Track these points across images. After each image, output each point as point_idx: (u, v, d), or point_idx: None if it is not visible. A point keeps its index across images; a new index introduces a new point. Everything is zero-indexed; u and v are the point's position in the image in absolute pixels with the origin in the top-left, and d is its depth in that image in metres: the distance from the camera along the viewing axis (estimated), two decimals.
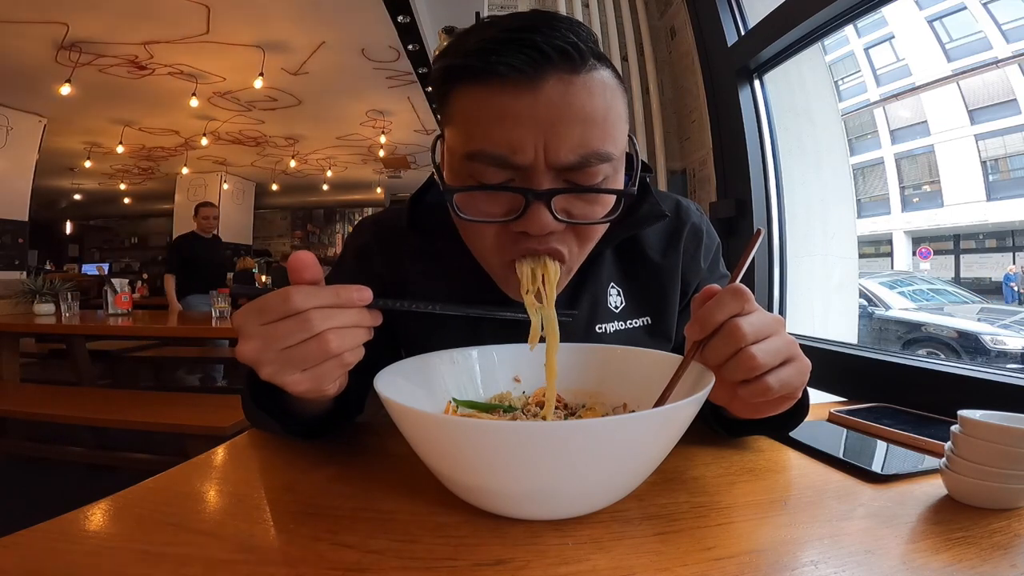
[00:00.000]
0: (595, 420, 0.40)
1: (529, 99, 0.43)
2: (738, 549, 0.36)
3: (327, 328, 0.39)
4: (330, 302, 0.39)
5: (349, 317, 0.40)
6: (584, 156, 0.45)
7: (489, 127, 0.44)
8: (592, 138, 0.45)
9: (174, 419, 1.89)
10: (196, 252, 3.76)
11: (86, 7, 3.31)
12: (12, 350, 2.68)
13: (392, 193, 10.22)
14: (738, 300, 0.41)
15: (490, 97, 0.44)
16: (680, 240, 0.66)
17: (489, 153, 0.45)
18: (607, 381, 0.56)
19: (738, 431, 0.57)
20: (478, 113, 0.45)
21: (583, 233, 0.50)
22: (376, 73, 4.44)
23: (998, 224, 3.96)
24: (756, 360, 0.41)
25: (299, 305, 0.38)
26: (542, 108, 0.43)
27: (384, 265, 0.65)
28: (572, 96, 0.44)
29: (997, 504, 0.41)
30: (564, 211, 0.47)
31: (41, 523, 0.38)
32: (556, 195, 0.45)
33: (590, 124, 0.44)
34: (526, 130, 0.43)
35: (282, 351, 0.39)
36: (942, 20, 3.76)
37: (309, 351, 0.39)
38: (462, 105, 0.47)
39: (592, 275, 0.64)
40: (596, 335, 0.63)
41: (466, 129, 0.46)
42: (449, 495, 0.42)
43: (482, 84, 0.44)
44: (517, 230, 0.47)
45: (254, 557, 0.35)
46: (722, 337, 0.42)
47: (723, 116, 1.33)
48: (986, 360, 2.71)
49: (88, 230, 12.07)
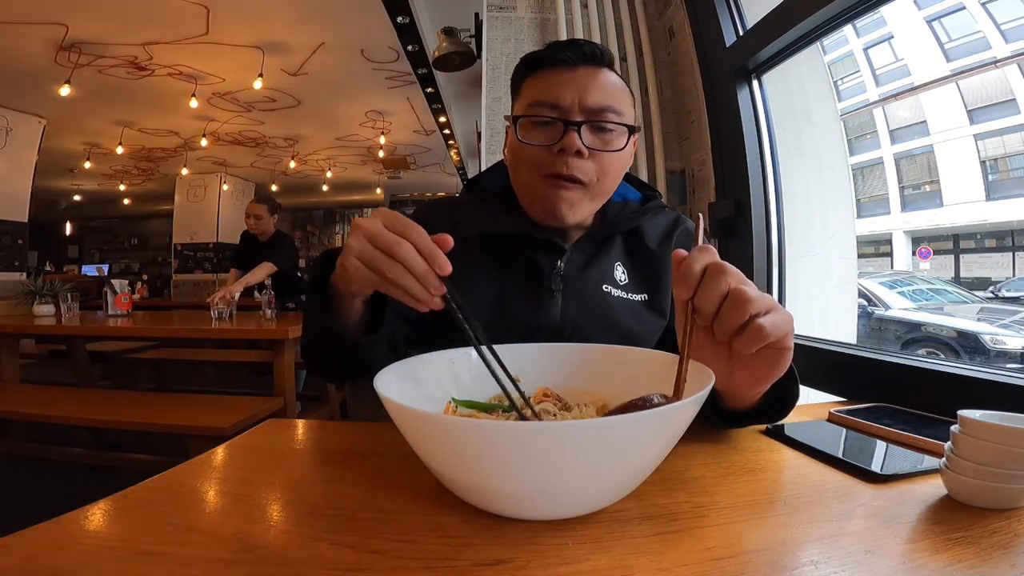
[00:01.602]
0: (595, 420, 0.40)
1: (570, 75, 0.70)
2: (738, 549, 0.36)
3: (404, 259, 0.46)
4: (424, 247, 0.47)
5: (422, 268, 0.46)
6: (603, 106, 0.68)
7: (546, 88, 0.70)
8: (608, 99, 0.69)
9: (174, 419, 1.89)
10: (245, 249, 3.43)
11: (86, 8, 3.31)
12: (12, 351, 2.68)
13: (392, 194, 10.22)
14: (709, 253, 0.46)
15: (549, 75, 0.71)
16: (673, 236, 0.81)
17: (544, 101, 0.69)
18: (607, 381, 0.56)
19: (734, 421, 0.59)
20: (539, 84, 0.71)
21: (602, 164, 0.70)
22: (375, 74, 4.44)
23: (997, 224, 3.97)
24: (746, 293, 0.44)
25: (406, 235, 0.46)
26: (578, 79, 0.69)
27: (438, 228, 0.77)
28: (596, 76, 0.70)
29: (997, 504, 0.41)
30: (588, 142, 0.68)
31: (41, 523, 0.38)
32: (584, 124, 0.68)
33: (607, 91, 0.69)
34: (567, 88, 0.69)
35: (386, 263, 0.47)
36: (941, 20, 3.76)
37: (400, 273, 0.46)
38: (530, 84, 0.73)
39: (603, 253, 0.78)
40: (603, 292, 0.76)
41: (530, 94, 0.72)
42: (449, 495, 0.42)
43: (544, 69, 0.71)
44: (556, 150, 0.68)
45: (254, 557, 0.35)
46: (710, 277, 0.45)
47: (722, 116, 1.33)
48: (986, 360, 2.71)
49: (88, 231, 12.07)
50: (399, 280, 0.46)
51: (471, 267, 0.74)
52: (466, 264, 0.72)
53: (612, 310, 0.74)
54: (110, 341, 3.57)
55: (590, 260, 0.77)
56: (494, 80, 1.65)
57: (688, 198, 1.57)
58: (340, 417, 2.99)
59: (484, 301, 0.73)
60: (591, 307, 0.74)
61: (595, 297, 0.74)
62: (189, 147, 6.58)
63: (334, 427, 0.70)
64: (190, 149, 6.66)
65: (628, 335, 0.73)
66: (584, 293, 0.74)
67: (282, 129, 6.08)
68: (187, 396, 2.45)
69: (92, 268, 9.76)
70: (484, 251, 0.76)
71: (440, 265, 0.46)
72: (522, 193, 0.75)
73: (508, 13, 1.66)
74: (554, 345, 0.61)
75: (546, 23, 1.66)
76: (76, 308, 2.80)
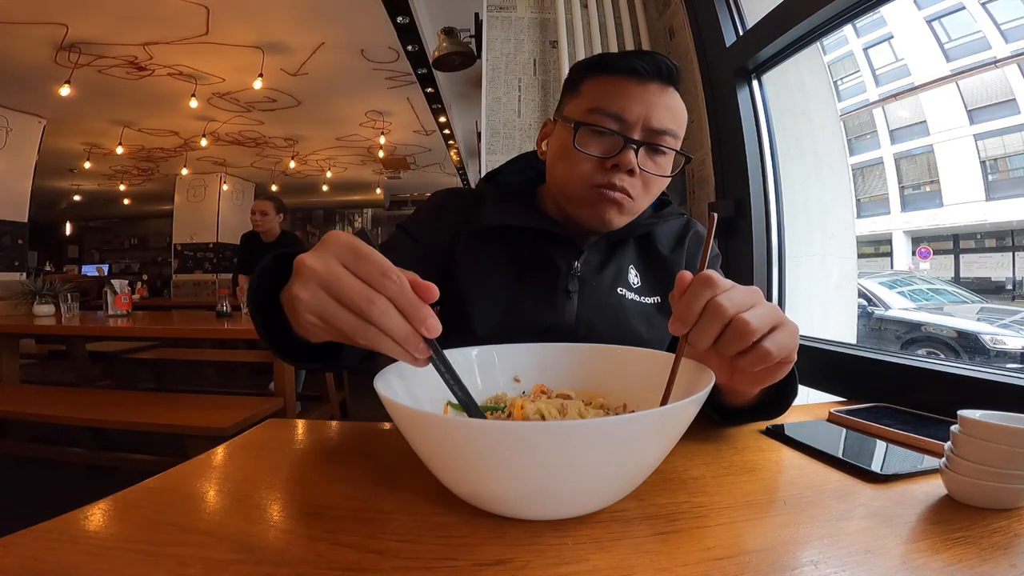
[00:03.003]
0: (595, 420, 0.40)
1: (641, 88, 0.67)
2: (738, 549, 0.36)
3: (379, 321, 0.36)
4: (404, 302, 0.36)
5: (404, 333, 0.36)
6: (665, 128, 0.67)
7: (613, 96, 0.67)
8: (671, 122, 0.68)
9: (174, 419, 1.89)
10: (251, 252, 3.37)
11: (86, 8, 3.31)
12: (12, 351, 2.68)
13: (392, 194, 10.22)
14: (710, 287, 0.43)
15: (617, 83, 0.68)
16: (685, 240, 0.82)
17: (608, 110, 0.67)
18: (607, 381, 0.56)
19: (733, 418, 0.59)
20: (607, 89, 0.68)
21: (648, 185, 0.70)
22: (375, 74, 4.44)
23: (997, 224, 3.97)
24: (750, 325, 0.41)
25: (382, 301, 0.35)
26: (648, 95, 0.67)
27: (455, 218, 0.78)
28: (665, 96, 0.68)
29: (997, 504, 0.41)
30: (641, 163, 0.67)
31: (41, 523, 0.38)
32: (643, 145, 0.67)
33: (672, 113, 0.68)
34: (635, 102, 0.66)
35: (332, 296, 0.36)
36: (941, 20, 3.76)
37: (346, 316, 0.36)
38: (595, 86, 0.69)
39: (618, 256, 0.78)
40: (618, 294, 0.76)
41: (593, 97, 0.68)
42: (449, 495, 0.42)
43: (612, 75, 0.68)
44: (609, 165, 0.67)
45: (254, 557, 0.35)
46: (705, 319, 0.42)
47: (722, 116, 1.33)
48: (986, 360, 2.71)
49: (88, 231, 12.07)
50: (374, 344, 0.36)
51: (487, 259, 0.75)
52: (483, 259, 0.75)
53: (626, 313, 0.74)
54: (110, 341, 3.57)
55: (605, 262, 0.77)
56: (494, 80, 1.65)
57: (688, 198, 1.57)
58: (340, 417, 2.99)
59: (498, 296, 0.72)
60: (605, 309, 0.73)
61: (610, 300, 0.74)
62: (189, 147, 6.58)
63: (334, 427, 0.70)
64: (190, 149, 6.66)
65: (640, 340, 0.72)
66: (599, 295, 0.74)
67: (282, 129, 6.08)
68: (187, 396, 2.45)
69: (92, 268, 9.76)
70: (501, 244, 0.75)
71: (428, 326, 0.36)
72: (563, 191, 0.72)
73: (508, 13, 1.66)
74: (553, 345, 0.60)
75: (546, 23, 1.66)
76: (76, 308, 2.80)
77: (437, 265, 0.76)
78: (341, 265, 0.36)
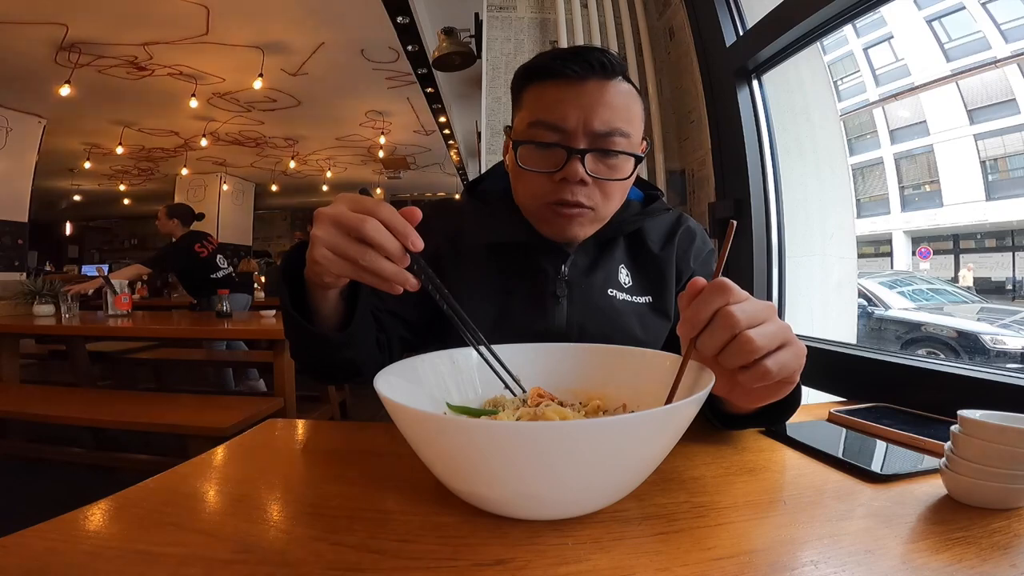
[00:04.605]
0: (595, 420, 0.40)
1: (577, 90, 0.63)
2: (738, 549, 0.36)
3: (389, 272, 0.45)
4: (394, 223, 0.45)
5: (394, 246, 0.45)
6: (610, 129, 0.63)
7: (549, 105, 0.64)
8: (616, 119, 0.63)
9: (174, 419, 1.89)
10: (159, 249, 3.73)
11: (86, 8, 3.31)
12: (12, 351, 2.68)
13: (392, 194, 10.22)
14: (723, 294, 0.42)
15: (552, 89, 0.64)
16: (675, 237, 0.79)
17: (546, 121, 0.64)
18: (607, 381, 0.56)
19: (733, 424, 0.58)
20: (543, 98, 0.65)
21: (606, 190, 0.66)
22: (375, 74, 4.44)
23: (997, 224, 3.97)
24: (754, 343, 0.41)
25: (380, 229, 0.44)
26: (585, 97, 0.63)
27: (440, 234, 0.76)
28: (605, 93, 0.63)
29: (997, 504, 0.41)
30: (592, 170, 0.64)
31: (41, 523, 0.38)
32: (588, 153, 0.63)
33: (615, 110, 0.63)
34: (572, 108, 0.63)
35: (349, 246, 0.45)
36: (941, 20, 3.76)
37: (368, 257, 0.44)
38: (532, 96, 0.66)
39: (607, 255, 0.76)
40: (608, 296, 0.74)
41: (532, 109, 0.66)
42: (449, 495, 0.42)
43: (547, 81, 0.65)
44: (558, 179, 0.64)
45: (254, 557, 0.35)
46: (715, 327, 0.42)
47: (722, 116, 1.33)
48: (986, 360, 2.71)
49: (88, 231, 12.07)
50: (373, 266, 0.44)
51: (475, 275, 0.74)
52: (470, 272, 0.74)
53: (618, 314, 0.73)
54: (110, 341, 3.57)
55: (594, 263, 0.76)
56: (494, 80, 1.65)
57: (688, 198, 1.57)
58: (340, 417, 2.99)
59: (489, 308, 0.71)
60: (597, 312, 0.72)
61: (601, 302, 0.73)
62: (189, 147, 6.59)
63: (334, 427, 0.70)
64: (190, 149, 6.67)
65: (634, 341, 0.72)
66: (590, 298, 0.73)
67: (282, 129, 6.09)
68: (187, 396, 2.45)
69: (92, 268, 9.76)
70: (487, 259, 0.74)
71: (412, 241, 0.45)
72: (526, 211, 0.72)
73: (508, 13, 1.66)
74: (554, 345, 0.60)
75: (546, 23, 1.66)
76: (76, 308, 2.80)
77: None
78: (345, 208, 0.45)
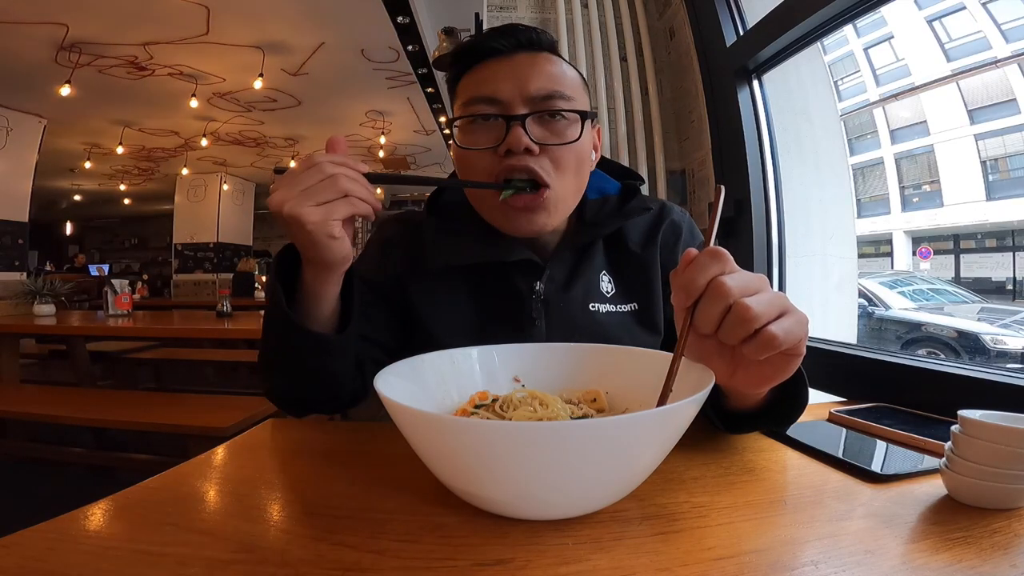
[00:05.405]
0: (595, 420, 0.40)
1: (508, 64, 0.64)
2: (738, 549, 0.36)
3: (338, 172, 0.49)
4: (341, 161, 0.50)
5: (354, 173, 0.51)
6: (548, 92, 0.62)
7: (481, 83, 0.64)
8: (552, 82, 0.63)
9: (174, 419, 1.89)
10: None
11: (86, 8, 3.31)
12: (12, 351, 2.68)
13: (392, 194, 10.22)
14: (718, 261, 0.40)
15: (483, 69, 0.65)
16: (658, 234, 0.73)
17: (480, 95, 0.63)
18: (606, 381, 0.56)
19: (738, 425, 0.56)
20: (475, 79, 0.65)
21: (555, 158, 0.63)
22: (376, 74, 4.44)
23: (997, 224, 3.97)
24: (752, 310, 0.38)
25: (317, 159, 0.49)
26: (516, 68, 0.63)
27: (402, 255, 0.74)
28: (536, 62, 0.64)
29: (997, 504, 0.41)
30: (537, 136, 0.62)
31: (41, 523, 0.38)
32: (528, 117, 0.61)
33: (550, 76, 0.63)
34: (505, 79, 0.63)
35: (302, 191, 0.49)
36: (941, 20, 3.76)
37: (323, 187, 0.49)
38: (466, 82, 0.66)
39: (586, 262, 0.71)
40: (590, 312, 0.69)
41: (467, 92, 0.65)
42: (449, 495, 0.42)
43: (478, 64, 0.65)
44: (502, 152, 0.61)
45: (254, 557, 0.35)
46: (709, 298, 0.40)
47: (722, 116, 1.33)
48: (986, 360, 2.71)
49: (88, 231, 12.08)
50: (351, 188, 0.49)
51: (444, 300, 0.69)
52: (438, 297, 0.70)
53: (602, 328, 0.68)
54: (110, 341, 3.57)
55: (573, 274, 0.70)
56: None
57: (688, 198, 1.57)
58: (340, 417, 2.99)
59: (461, 339, 0.62)
60: (577, 330, 0.67)
61: (581, 319, 0.68)
62: (189, 147, 6.59)
63: (334, 427, 0.70)
64: (190, 149, 6.67)
65: None
66: (569, 315, 0.68)
67: (282, 129, 6.09)
68: (187, 396, 2.45)
69: (92, 268, 9.76)
70: (456, 281, 0.70)
71: (356, 166, 0.51)
72: (481, 211, 0.68)
73: (508, 13, 1.66)
74: (554, 345, 0.60)
75: (546, 23, 1.66)
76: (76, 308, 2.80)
77: (395, 304, 0.71)
78: (292, 176, 0.50)
